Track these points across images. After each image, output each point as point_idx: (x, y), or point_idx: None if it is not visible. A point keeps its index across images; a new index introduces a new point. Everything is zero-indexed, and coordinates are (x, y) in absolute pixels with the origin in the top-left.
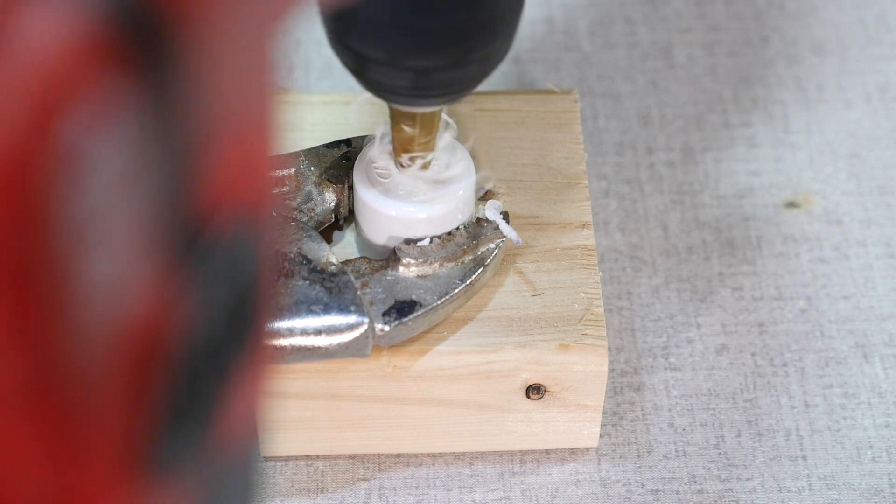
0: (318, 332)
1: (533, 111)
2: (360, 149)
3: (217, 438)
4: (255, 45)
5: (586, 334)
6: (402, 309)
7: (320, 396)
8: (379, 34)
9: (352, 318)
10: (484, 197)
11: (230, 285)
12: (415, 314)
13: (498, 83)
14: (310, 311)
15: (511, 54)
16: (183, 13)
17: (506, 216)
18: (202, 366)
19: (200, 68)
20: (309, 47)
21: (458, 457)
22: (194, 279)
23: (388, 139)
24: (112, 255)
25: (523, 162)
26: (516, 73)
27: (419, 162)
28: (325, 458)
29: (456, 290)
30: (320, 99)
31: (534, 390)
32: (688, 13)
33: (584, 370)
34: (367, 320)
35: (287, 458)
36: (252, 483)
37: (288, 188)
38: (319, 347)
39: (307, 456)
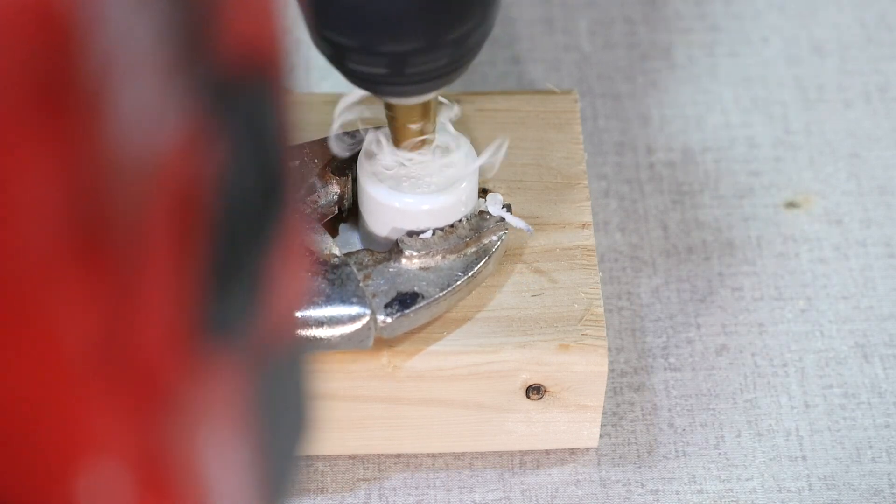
0: (320, 323)
1: (533, 111)
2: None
3: (266, 323)
4: None
5: (586, 334)
6: (404, 301)
7: (319, 396)
8: (353, 21)
9: (354, 310)
10: (484, 191)
11: (256, 138)
12: (417, 306)
13: (498, 83)
14: (312, 303)
15: (511, 54)
16: None
17: (508, 209)
18: (240, 223)
19: None
20: (309, 47)
21: (458, 457)
22: (224, 126)
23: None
24: (141, 85)
25: (523, 162)
26: (516, 73)
27: (419, 150)
28: (325, 458)
29: (458, 283)
30: (320, 99)
31: (534, 390)
32: (688, 13)
33: (583, 370)
34: (369, 312)
35: None
36: (302, 388)
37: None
38: (321, 339)
39: (307, 456)
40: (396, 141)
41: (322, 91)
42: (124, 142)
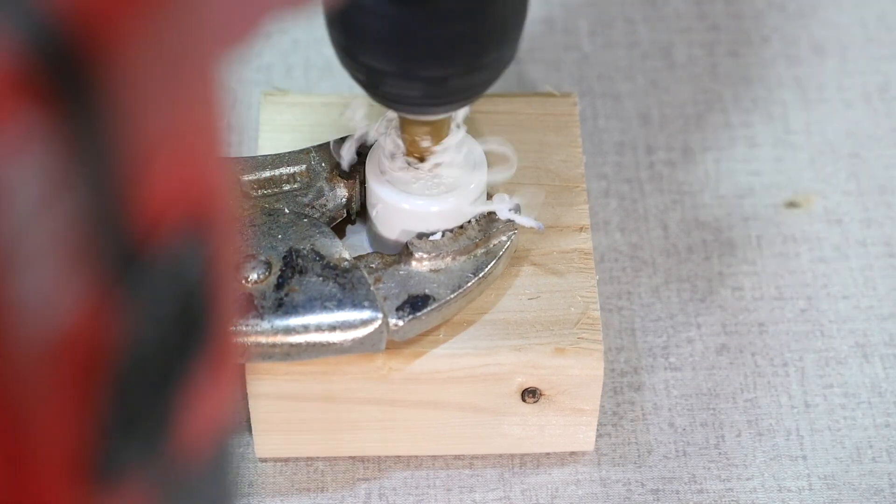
0: (332, 328)
1: (532, 114)
2: (372, 143)
3: (180, 443)
4: (194, 65)
5: (582, 338)
6: (415, 303)
7: (315, 398)
8: (390, 47)
9: (366, 314)
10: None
11: (174, 296)
12: (428, 308)
13: (498, 84)
14: (323, 308)
15: None
16: (102, 42)
17: (517, 209)
18: (151, 372)
19: (126, 92)
20: (309, 47)
21: (458, 457)
22: (133, 293)
23: (396, 134)
24: (40, 273)
25: (522, 165)
26: (516, 74)
27: (430, 160)
28: (325, 458)
29: (469, 284)
30: (320, 100)
31: (529, 394)
32: (688, 13)
33: (579, 374)
34: (380, 315)
35: (287, 459)
36: (226, 485)
37: (299, 185)
38: (334, 343)
39: (307, 456)
40: (410, 150)
41: (322, 91)
42: (21, 321)
